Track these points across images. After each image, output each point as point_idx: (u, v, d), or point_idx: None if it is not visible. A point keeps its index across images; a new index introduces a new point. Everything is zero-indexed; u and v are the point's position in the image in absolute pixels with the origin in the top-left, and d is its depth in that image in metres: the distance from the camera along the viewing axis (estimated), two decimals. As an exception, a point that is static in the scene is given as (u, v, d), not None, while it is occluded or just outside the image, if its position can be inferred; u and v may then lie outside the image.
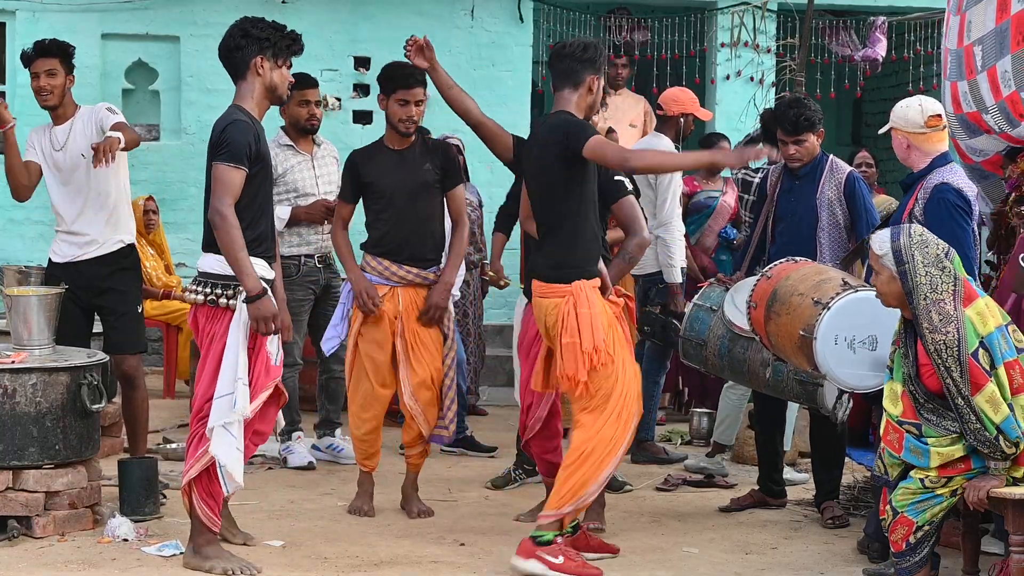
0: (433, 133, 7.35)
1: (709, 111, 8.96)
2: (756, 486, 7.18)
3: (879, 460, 5.49)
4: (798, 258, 6.54)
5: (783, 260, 6.51)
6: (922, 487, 5.26)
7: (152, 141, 11.53)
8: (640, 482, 7.55)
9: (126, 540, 6.09)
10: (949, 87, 7.88)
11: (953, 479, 5.24)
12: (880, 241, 5.37)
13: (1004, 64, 7.25)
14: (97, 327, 7.14)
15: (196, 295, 5.69)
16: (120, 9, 11.35)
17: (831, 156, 7.01)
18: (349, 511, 6.72)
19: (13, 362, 6.17)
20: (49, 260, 7.05)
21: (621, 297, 6.27)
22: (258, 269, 5.64)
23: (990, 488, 5.18)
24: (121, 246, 6.95)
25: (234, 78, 5.78)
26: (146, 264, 9.95)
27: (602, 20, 12.24)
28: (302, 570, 5.80)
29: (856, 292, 6.00)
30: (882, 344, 5.87)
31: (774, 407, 7.10)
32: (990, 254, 7.61)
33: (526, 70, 11.94)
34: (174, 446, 8.00)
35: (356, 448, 6.86)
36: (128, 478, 6.49)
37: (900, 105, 6.26)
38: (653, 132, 8.04)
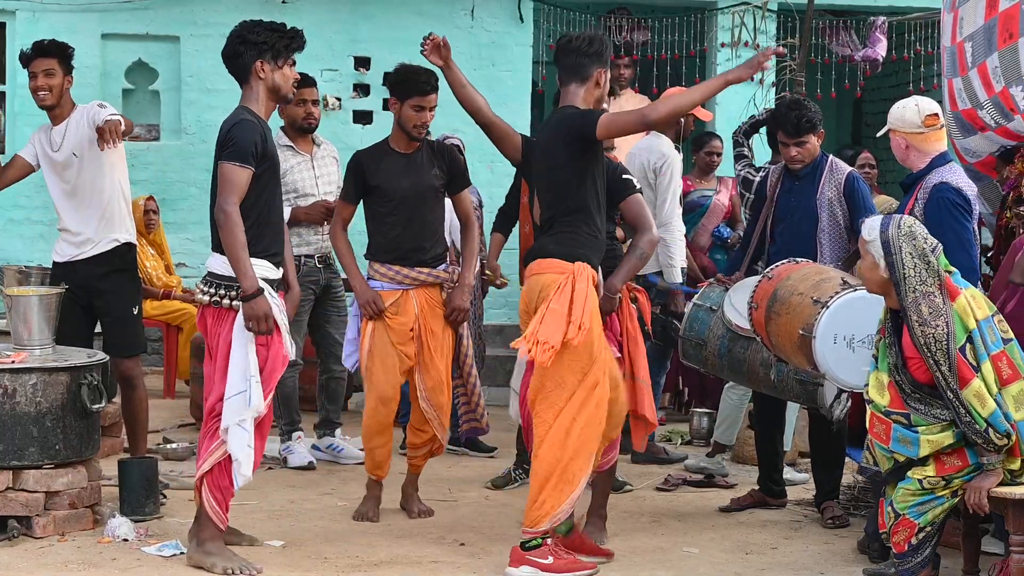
0: (432, 134, 7.33)
1: (709, 111, 8.97)
2: (756, 486, 7.18)
3: (867, 452, 5.49)
4: (799, 259, 6.54)
5: (784, 261, 6.51)
6: (921, 488, 5.25)
7: (152, 141, 11.54)
8: (640, 482, 7.55)
9: (126, 540, 6.09)
10: (946, 84, 7.91)
11: (952, 480, 5.25)
12: (870, 228, 5.38)
13: (993, 60, 7.28)
14: (99, 327, 7.14)
15: (203, 295, 5.71)
16: (120, 9, 11.35)
17: (831, 156, 7.00)
18: (354, 517, 6.66)
19: (13, 362, 6.17)
20: (53, 260, 7.07)
21: (632, 291, 6.23)
22: (261, 270, 5.65)
23: (989, 488, 5.18)
24: (115, 245, 6.92)
25: (239, 82, 5.81)
26: (146, 264, 9.96)
27: (602, 20, 12.23)
28: (302, 570, 5.80)
29: (855, 291, 6.01)
30: (882, 344, 5.88)
31: (774, 407, 7.10)
32: (989, 255, 7.62)
33: (526, 70, 11.93)
34: (174, 446, 8.01)
35: (368, 456, 6.74)
36: (128, 478, 6.49)
37: (897, 106, 6.26)
38: (653, 132, 8.03)
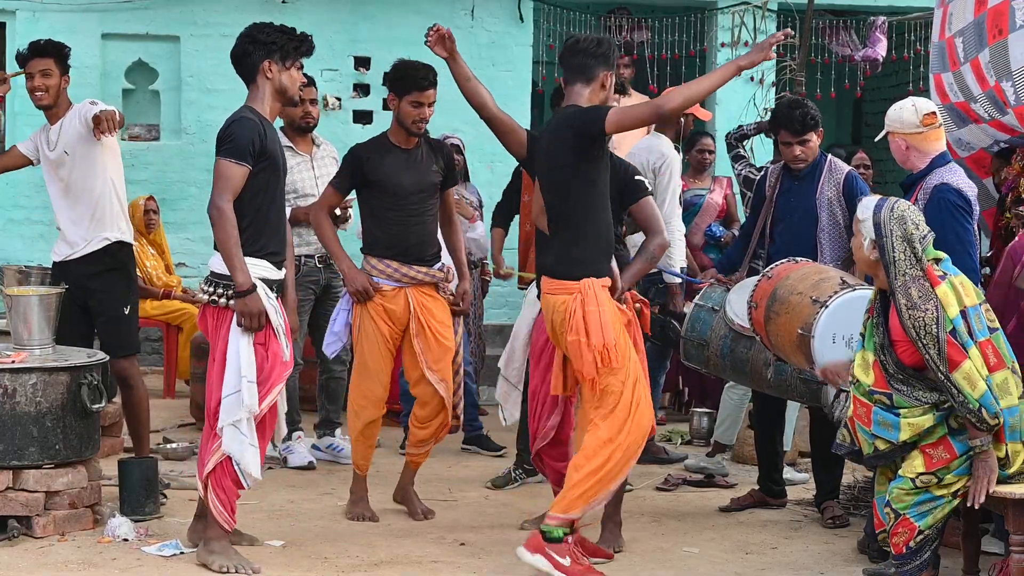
0: (432, 133, 7.33)
1: (709, 111, 8.95)
2: (756, 486, 7.18)
3: (843, 429, 5.48)
4: (799, 258, 6.54)
5: (784, 260, 6.50)
6: (915, 487, 5.25)
7: (152, 141, 11.54)
8: (640, 482, 7.55)
9: (126, 540, 6.09)
10: (932, 79, 7.93)
11: (945, 478, 5.23)
12: (864, 207, 5.41)
13: (985, 56, 7.31)
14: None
15: (203, 294, 5.73)
16: (120, 9, 11.35)
17: (829, 156, 7.00)
18: (351, 518, 6.63)
19: (13, 362, 6.17)
20: (52, 260, 7.06)
21: (637, 303, 6.20)
22: (260, 270, 5.66)
23: (993, 470, 5.16)
24: (107, 243, 6.89)
25: (246, 82, 5.81)
26: (146, 264, 9.96)
27: (602, 20, 12.23)
28: (302, 570, 5.80)
29: (854, 291, 6.00)
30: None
31: (774, 407, 7.10)
32: (989, 255, 7.62)
33: (526, 70, 11.93)
34: (174, 446, 8.01)
35: (356, 447, 6.75)
36: (128, 478, 6.49)
37: (894, 108, 6.25)
38: (653, 132, 8.03)
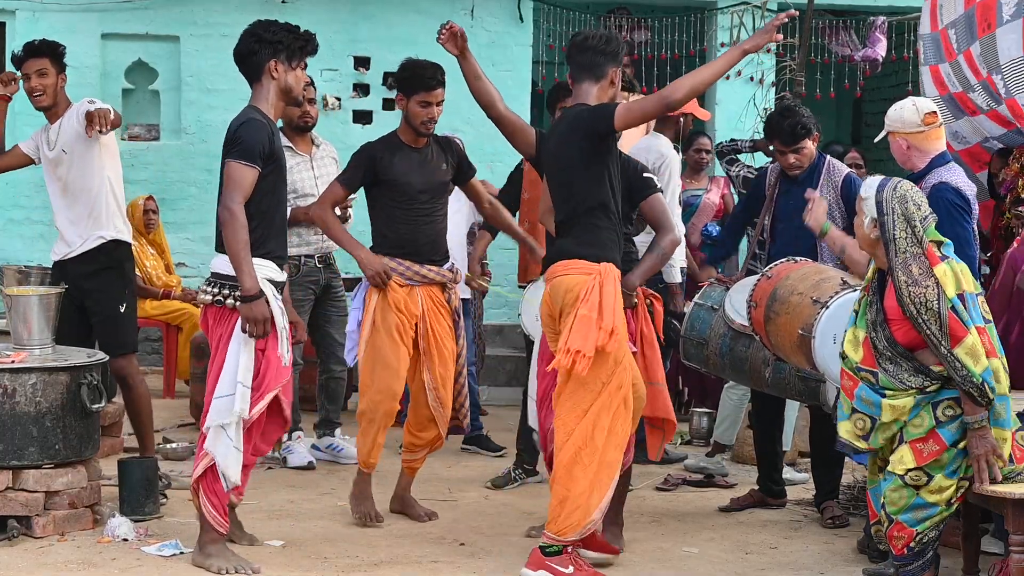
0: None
1: (708, 111, 8.95)
2: (756, 486, 7.18)
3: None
4: (798, 258, 6.54)
5: (783, 260, 6.50)
6: (904, 484, 5.23)
7: (152, 141, 11.54)
8: (640, 482, 7.54)
9: (126, 540, 6.09)
10: (929, 71, 7.95)
11: (936, 477, 5.21)
12: (867, 186, 5.42)
13: (976, 48, 7.35)
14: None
15: (205, 295, 5.70)
16: (120, 9, 11.35)
17: (828, 157, 7.00)
18: (357, 520, 6.52)
19: (13, 362, 6.17)
20: (52, 260, 7.07)
21: (649, 298, 6.18)
22: (267, 271, 5.65)
23: (993, 445, 5.14)
24: (101, 242, 6.89)
25: (250, 81, 5.80)
26: (146, 264, 9.96)
27: (602, 20, 12.23)
28: (302, 570, 5.80)
29: (855, 291, 5.99)
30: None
31: (773, 407, 7.10)
32: (989, 255, 7.62)
33: (526, 70, 11.92)
34: (174, 446, 8.00)
35: (363, 445, 6.61)
36: (128, 478, 6.49)
37: (895, 108, 6.25)
38: (652, 132, 8.03)
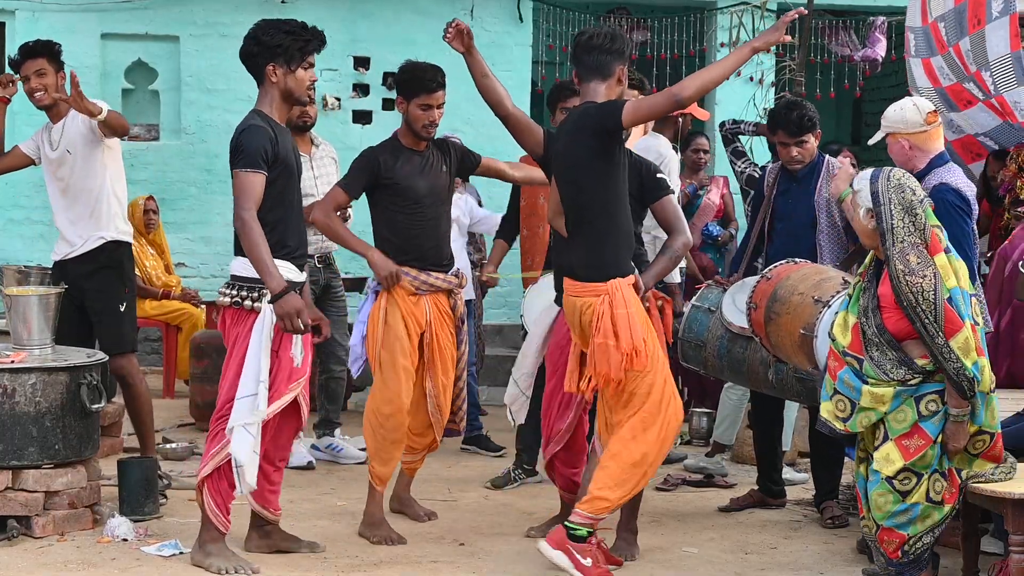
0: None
1: (707, 111, 8.95)
2: (755, 486, 7.18)
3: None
4: (798, 259, 6.53)
5: (783, 262, 6.50)
6: (892, 489, 5.21)
7: (152, 141, 11.54)
8: (640, 482, 7.54)
9: (125, 540, 6.09)
10: (920, 64, 7.97)
11: (921, 479, 5.20)
12: (860, 178, 5.42)
13: (965, 44, 7.38)
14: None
15: (224, 297, 5.73)
16: (120, 9, 11.35)
17: (828, 157, 7.00)
18: (375, 542, 6.23)
19: (13, 362, 6.17)
20: (52, 260, 7.07)
21: (660, 300, 6.15)
22: (284, 272, 5.65)
23: (965, 441, 5.15)
24: (102, 243, 6.90)
25: (257, 83, 5.81)
26: (146, 264, 9.97)
27: (602, 20, 12.23)
28: (302, 570, 5.79)
29: (856, 292, 6.00)
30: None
31: (772, 407, 7.10)
32: (989, 255, 7.63)
33: (526, 70, 11.93)
34: (174, 446, 8.01)
35: (379, 456, 6.41)
36: (128, 478, 6.50)
37: (895, 109, 6.23)
38: (651, 132, 8.02)
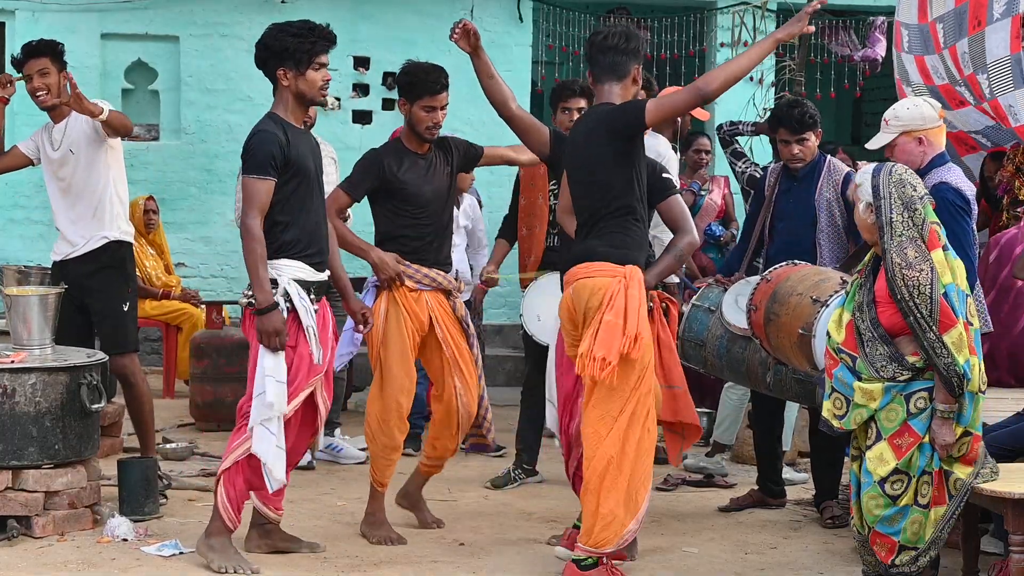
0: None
1: (707, 111, 8.95)
2: (755, 486, 7.19)
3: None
4: (797, 261, 6.53)
5: (783, 263, 6.50)
6: (882, 493, 5.19)
7: (152, 141, 11.54)
8: (640, 482, 7.54)
9: (125, 540, 6.09)
10: (913, 60, 7.96)
11: (910, 481, 5.18)
12: (862, 172, 5.42)
13: (963, 46, 7.36)
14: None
15: (244, 298, 5.79)
16: (120, 9, 11.35)
17: (828, 157, 7.01)
18: (375, 543, 6.24)
19: (13, 362, 6.17)
20: (52, 260, 7.07)
21: (664, 301, 6.12)
22: (296, 271, 5.73)
23: (952, 439, 5.13)
24: (105, 243, 6.92)
25: (272, 87, 5.88)
26: (146, 264, 9.96)
27: (602, 20, 12.23)
28: (302, 570, 5.80)
29: (855, 292, 6.00)
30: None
31: (772, 407, 7.10)
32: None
33: (526, 70, 11.93)
34: (173, 446, 8.01)
35: (377, 462, 6.37)
36: (128, 478, 6.50)
37: (910, 108, 6.23)
38: (650, 132, 8.01)
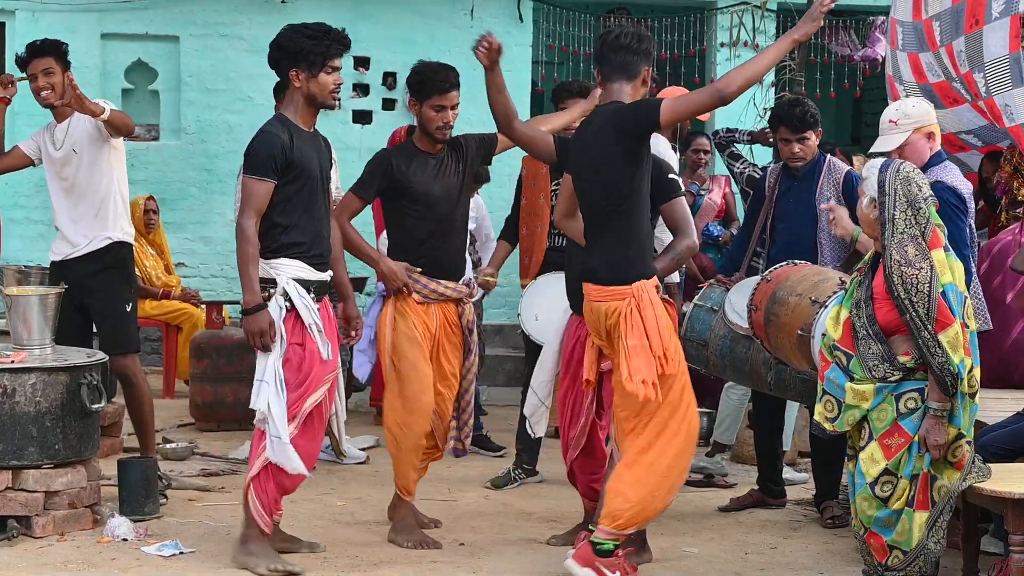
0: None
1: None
2: (756, 486, 7.19)
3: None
4: (797, 261, 6.54)
5: (783, 264, 6.50)
6: (873, 495, 5.20)
7: (152, 141, 11.55)
8: (640, 482, 7.54)
9: (125, 540, 6.09)
10: (907, 58, 7.97)
11: (899, 482, 5.18)
12: (870, 166, 5.41)
13: (959, 44, 7.37)
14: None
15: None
16: (120, 9, 11.35)
17: (828, 156, 7.01)
18: (409, 547, 6.13)
19: (13, 362, 6.17)
20: (50, 260, 7.07)
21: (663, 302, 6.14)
22: (296, 271, 5.75)
23: (944, 438, 5.12)
24: (108, 243, 6.92)
25: (284, 87, 5.88)
26: (146, 264, 9.96)
27: (602, 20, 12.23)
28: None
29: (855, 292, 6.00)
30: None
31: (773, 407, 7.10)
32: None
33: (526, 70, 11.93)
34: (173, 446, 8.01)
35: (402, 467, 6.29)
36: (128, 478, 6.50)
37: (913, 103, 6.29)
38: (650, 132, 8.01)
